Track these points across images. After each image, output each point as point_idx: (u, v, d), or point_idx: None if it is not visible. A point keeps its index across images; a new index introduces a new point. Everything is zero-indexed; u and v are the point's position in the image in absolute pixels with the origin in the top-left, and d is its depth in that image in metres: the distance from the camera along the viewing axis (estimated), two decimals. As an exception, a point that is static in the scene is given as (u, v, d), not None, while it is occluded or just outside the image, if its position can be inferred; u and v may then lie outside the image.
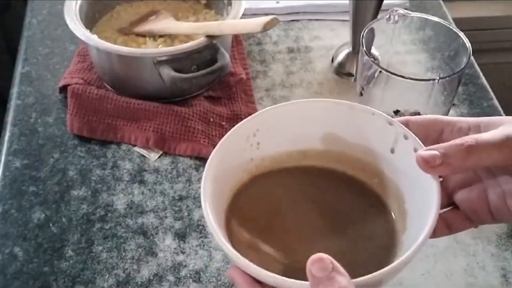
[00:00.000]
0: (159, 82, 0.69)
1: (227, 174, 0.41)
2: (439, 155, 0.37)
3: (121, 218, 0.63)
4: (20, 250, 0.60)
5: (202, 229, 0.62)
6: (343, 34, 0.84)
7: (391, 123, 0.42)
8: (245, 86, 0.77)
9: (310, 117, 0.44)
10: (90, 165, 0.68)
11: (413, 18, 0.59)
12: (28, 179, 0.66)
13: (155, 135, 0.69)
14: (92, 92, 0.71)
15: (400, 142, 0.41)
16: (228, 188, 0.42)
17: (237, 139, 0.42)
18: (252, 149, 0.43)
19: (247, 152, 0.43)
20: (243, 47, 0.82)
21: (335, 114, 0.44)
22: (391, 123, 0.42)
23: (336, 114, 0.44)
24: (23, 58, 0.81)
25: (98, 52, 0.71)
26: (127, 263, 0.59)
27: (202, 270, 0.58)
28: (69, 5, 0.73)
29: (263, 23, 0.66)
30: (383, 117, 0.42)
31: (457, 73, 0.55)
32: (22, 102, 0.75)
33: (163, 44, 0.75)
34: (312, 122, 0.44)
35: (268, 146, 0.44)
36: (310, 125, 0.44)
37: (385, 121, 0.42)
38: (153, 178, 0.67)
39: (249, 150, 0.43)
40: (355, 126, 0.43)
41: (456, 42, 0.57)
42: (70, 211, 0.63)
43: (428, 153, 0.37)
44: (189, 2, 0.83)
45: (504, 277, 0.58)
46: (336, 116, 0.44)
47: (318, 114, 0.44)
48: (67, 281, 0.57)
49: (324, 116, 0.44)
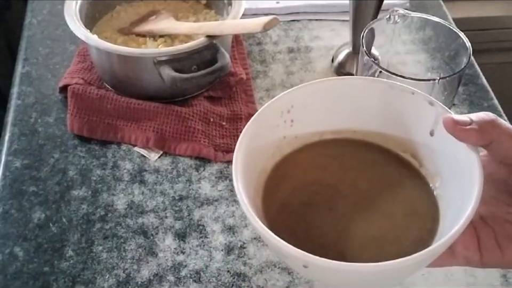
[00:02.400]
0: (159, 82, 0.69)
1: (259, 149, 0.39)
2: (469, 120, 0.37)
3: (121, 218, 0.63)
4: (20, 250, 0.60)
5: (202, 229, 0.62)
6: (343, 34, 0.84)
7: (432, 103, 0.40)
8: (245, 86, 0.77)
9: (346, 94, 0.42)
10: (91, 165, 0.68)
11: (413, 19, 0.59)
12: (28, 179, 0.66)
13: (155, 135, 0.69)
14: (92, 92, 0.71)
15: (441, 123, 0.39)
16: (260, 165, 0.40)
17: (271, 114, 0.40)
18: (286, 126, 0.41)
19: (281, 129, 0.41)
20: (243, 47, 0.82)
21: (373, 92, 0.42)
22: (432, 103, 0.40)
23: (374, 93, 0.42)
24: (23, 58, 0.81)
25: (99, 52, 0.71)
26: (127, 263, 0.59)
27: (202, 270, 0.58)
28: (69, 5, 0.73)
29: (263, 23, 0.66)
30: (424, 97, 0.40)
31: (458, 73, 0.55)
32: (22, 102, 0.75)
33: (163, 44, 0.75)
34: (348, 100, 0.42)
35: (301, 124, 0.42)
36: (345, 103, 0.42)
37: (425, 101, 0.40)
38: (153, 178, 0.67)
39: (283, 127, 0.41)
40: (393, 105, 0.41)
41: (456, 42, 0.57)
42: (70, 211, 0.63)
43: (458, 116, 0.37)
44: (189, 2, 0.83)
45: (504, 277, 0.58)
46: (373, 94, 0.42)
47: (354, 92, 0.42)
48: (67, 281, 0.57)
49: (361, 94, 0.42)
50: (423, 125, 0.41)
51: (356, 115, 0.43)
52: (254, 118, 0.39)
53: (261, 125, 0.39)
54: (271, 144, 0.41)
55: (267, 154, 0.41)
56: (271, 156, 0.41)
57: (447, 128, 0.37)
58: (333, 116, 0.43)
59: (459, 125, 0.37)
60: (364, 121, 0.43)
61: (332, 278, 0.36)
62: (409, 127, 0.42)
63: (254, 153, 0.38)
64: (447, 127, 0.37)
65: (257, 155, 0.38)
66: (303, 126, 0.42)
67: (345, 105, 0.43)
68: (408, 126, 0.42)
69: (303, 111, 0.42)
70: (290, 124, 0.41)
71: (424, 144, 0.41)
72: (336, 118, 0.43)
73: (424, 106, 0.40)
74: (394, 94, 0.41)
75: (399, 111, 0.41)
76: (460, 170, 0.38)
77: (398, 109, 0.41)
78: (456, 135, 0.37)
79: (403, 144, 0.43)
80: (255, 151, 0.38)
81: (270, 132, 0.40)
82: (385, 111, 0.42)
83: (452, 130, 0.37)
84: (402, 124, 0.42)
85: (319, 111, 0.43)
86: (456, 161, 0.38)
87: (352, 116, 0.43)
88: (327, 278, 0.37)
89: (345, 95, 0.42)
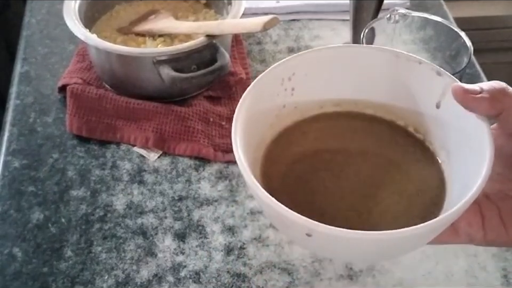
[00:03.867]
0: (158, 82, 0.69)
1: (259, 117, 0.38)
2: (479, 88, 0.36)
3: (120, 218, 0.62)
4: (19, 250, 0.59)
5: (202, 229, 0.62)
6: (343, 34, 0.84)
7: (439, 73, 0.39)
8: (245, 86, 0.75)
9: (350, 63, 0.41)
10: (90, 165, 0.68)
11: (413, 18, 0.59)
12: (27, 179, 0.66)
13: (154, 135, 0.69)
14: (91, 91, 0.71)
15: (448, 94, 0.38)
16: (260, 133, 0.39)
17: (272, 80, 0.39)
18: (286, 94, 0.40)
19: (281, 97, 0.40)
20: (243, 47, 0.82)
21: (378, 62, 0.40)
22: (439, 73, 0.39)
23: (379, 62, 0.40)
24: (22, 58, 0.81)
25: (98, 52, 0.71)
26: (126, 263, 0.59)
27: (202, 270, 0.58)
28: (68, 4, 0.73)
29: (263, 23, 0.66)
30: (431, 67, 0.39)
31: (458, 73, 0.55)
32: (21, 102, 0.75)
33: (162, 43, 0.74)
34: (351, 70, 0.41)
35: (302, 92, 0.41)
36: (348, 73, 0.41)
37: (433, 71, 0.39)
38: (152, 179, 0.66)
39: (283, 95, 0.40)
40: (398, 75, 0.40)
41: (457, 41, 0.57)
42: (69, 211, 0.63)
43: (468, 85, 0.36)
44: (188, 2, 0.83)
45: (505, 277, 0.58)
46: (378, 63, 0.40)
47: (359, 61, 0.41)
48: (66, 281, 0.57)
49: (365, 62, 0.41)
50: (430, 96, 0.39)
51: (359, 85, 0.42)
52: (254, 83, 0.38)
53: (261, 91, 0.38)
54: (270, 112, 0.39)
55: (266, 123, 0.40)
56: (270, 126, 0.40)
57: (456, 97, 0.36)
58: (335, 85, 0.42)
59: (469, 93, 0.36)
60: (367, 92, 0.42)
61: (335, 247, 0.36)
62: (415, 99, 0.40)
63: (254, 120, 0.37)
64: (456, 96, 0.36)
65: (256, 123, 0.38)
66: (304, 95, 0.41)
67: (348, 75, 0.41)
68: (413, 97, 0.40)
69: (304, 78, 0.40)
70: (291, 93, 0.40)
71: (431, 116, 0.40)
72: (338, 88, 0.42)
73: (432, 77, 0.39)
74: (400, 64, 0.40)
75: (404, 82, 0.40)
76: (468, 144, 0.37)
77: (404, 80, 0.40)
78: (466, 105, 0.36)
79: (408, 117, 0.41)
80: (255, 118, 0.37)
81: (270, 99, 0.39)
82: (390, 82, 0.41)
83: (461, 99, 0.36)
84: (408, 95, 0.40)
85: (320, 79, 0.41)
86: (465, 134, 0.37)
87: (354, 86, 0.42)
88: (330, 247, 0.36)
89: (349, 64, 0.41)
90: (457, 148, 0.39)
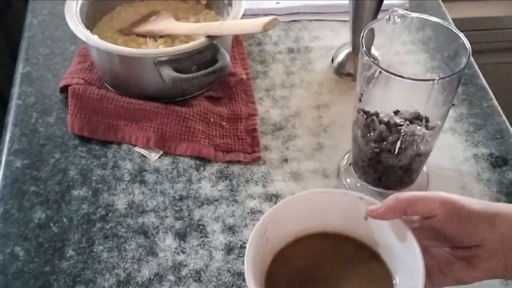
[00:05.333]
0: (159, 82, 0.69)
1: (255, 261, 0.49)
2: (381, 205, 0.48)
3: (121, 218, 0.63)
4: (21, 250, 0.60)
5: (202, 229, 0.62)
6: (343, 35, 0.85)
7: (362, 198, 0.51)
8: (245, 86, 0.77)
9: (302, 210, 0.52)
10: (91, 165, 0.68)
11: (412, 19, 0.59)
12: (29, 179, 0.66)
13: (155, 135, 0.70)
14: (92, 92, 0.72)
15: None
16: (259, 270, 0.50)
17: (254, 238, 0.49)
18: (264, 243, 0.50)
19: (262, 246, 0.50)
20: (243, 48, 0.82)
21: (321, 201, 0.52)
22: (362, 198, 0.51)
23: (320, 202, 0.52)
24: (23, 59, 0.81)
25: (99, 52, 0.71)
26: (127, 262, 0.59)
27: (202, 269, 0.59)
28: (69, 5, 0.73)
29: (263, 24, 0.66)
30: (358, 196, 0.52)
31: (457, 74, 0.55)
32: (23, 102, 0.75)
33: (163, 44, 0.75)
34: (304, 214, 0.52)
35: (274, 240, 0.51)
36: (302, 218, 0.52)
37: (357, 198, 0.51)
38: (153, 178, 0.67)
39: (263, 245, 0.50)
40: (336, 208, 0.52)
41: (456, 42, 0.57)
42: (71, 211, 0.63)
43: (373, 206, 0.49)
44: (189, 3, 0.83)
45: (503, 276, 0.58)
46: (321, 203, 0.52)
47: (309, 205, 0.52)
48: (68, 280, 0.57)
49: (313, 204, 0.52)
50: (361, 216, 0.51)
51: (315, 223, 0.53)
52: (248, 243, 0.49)
53: (251, 247, 0.49)
54: (259, 260, 0.50)
55: (261, 264, 0.50)
56: (261, 269, 0.50)
57: (370, 216, 0.49)
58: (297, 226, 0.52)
59: (373, 211, 0.49)
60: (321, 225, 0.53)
61: None
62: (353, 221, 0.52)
63: (253, 263, 0.48)
64: (370, 215, 0.49)
65: (255, 265, 0.48)
66: (276, 241, 0.51)
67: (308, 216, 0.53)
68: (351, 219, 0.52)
69: (273, 230, 0.50)
70: (266, 242, 0.50)
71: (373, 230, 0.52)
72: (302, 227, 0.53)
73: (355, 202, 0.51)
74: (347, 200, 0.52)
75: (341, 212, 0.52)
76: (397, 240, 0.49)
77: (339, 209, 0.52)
78: (377, 218, 0.49)
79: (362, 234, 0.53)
80: (254, 262, 0.48)
81: (257, 250, 0.49)
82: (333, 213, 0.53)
83: (372, 216, 0.49)
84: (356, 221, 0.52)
85: (285, 226, 0.52)
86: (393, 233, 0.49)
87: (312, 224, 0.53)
88: None
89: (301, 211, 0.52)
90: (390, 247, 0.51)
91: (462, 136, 0.72)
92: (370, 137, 0.60)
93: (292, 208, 0.52)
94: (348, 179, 0.67)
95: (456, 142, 0.71)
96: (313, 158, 0.69)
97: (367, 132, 0.60)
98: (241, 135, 0.71)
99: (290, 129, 0.73)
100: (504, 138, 0.72)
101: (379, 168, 0.62)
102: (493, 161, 0.69)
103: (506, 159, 0.69)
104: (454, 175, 0.68)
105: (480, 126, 0.73)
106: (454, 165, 0.69)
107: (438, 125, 0.59)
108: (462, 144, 0.71)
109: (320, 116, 0.74)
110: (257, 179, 0.67)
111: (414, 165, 0.62)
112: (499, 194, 0.66)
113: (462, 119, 0.74)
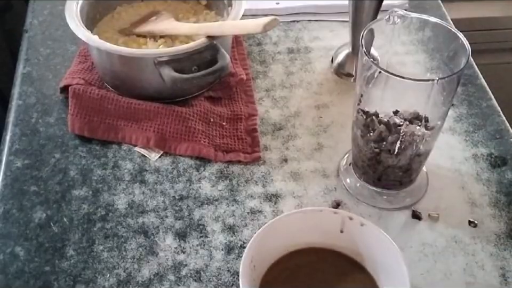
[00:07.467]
0: (159, 82, 0.69)
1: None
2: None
3: (122, 218, 0.63)
4: (21, 250, 0.60)
5: (202, 229, 0.62)
6: (342, 35, 0.85)
7: (336, 212, 0.54)
8: (245, 87, 0.77)
9: (283, 232, 0.54)
10: (91, 165, 0.68)
11: (412, 19, 0.59)
12: (29, 179, 0.66)
13: (156, 135, 0.70)
14: (92, 92, 0.72)
15: (346, 222, 0.54)
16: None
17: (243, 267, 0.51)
18: (252, 271, 0.52)
19: (250, 275, 0.52)
20: (243, 48, 0.82)
21: (299, 221, 0.55)
22: (336, 212, 0.54)
23: (299, 221, 0.55)
24: (24, 59, 0.81)
25: (99, 53, 0.72)
26: (128, 262, 0.59)
27: (202, 269, 0.59)
28: (70, 5, 0.73)
29: (263, 24, 0.66)
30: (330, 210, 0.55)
31: (456, 74, 0.55)
32: (23, 102, 0.75)
33: (164, 44, 0.75)
34: (286, 235, 0.55)
35: (260, 266, 0.54)
36: (285, 239, 0.55)
37: (331, 212, 0.55)
38: (153, 178, 0.67)
39: (250, 273, 0.52)
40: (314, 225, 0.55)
41: (455, 42, 0.57)
42: (71, 211, 0.63)
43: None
44: (189, 3, 0.83)
45: (503, 276, 0.58)
46: (300, 222, 0.55)
47: (290, 227, 0.55)
48: (68, 280, 0.58)
49: (294, 225, 0.55)
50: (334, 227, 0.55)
51: (298, 242, 0.56)
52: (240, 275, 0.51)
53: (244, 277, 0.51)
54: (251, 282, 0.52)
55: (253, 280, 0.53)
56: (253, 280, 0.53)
57: None
58: (289, 243, 0.55)
59: None
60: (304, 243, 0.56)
61: None
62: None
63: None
64: None
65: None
66: (261, 266, 0.54)
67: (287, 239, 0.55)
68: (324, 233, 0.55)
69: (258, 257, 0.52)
70: (254, 269, 0.52)
71: (355, 243, 0.54)
72: (289, 245, 0.55)
73: (331, 216, 0.55)
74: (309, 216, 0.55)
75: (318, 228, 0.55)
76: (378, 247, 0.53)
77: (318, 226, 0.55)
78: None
79: (344, 247, 0.55)
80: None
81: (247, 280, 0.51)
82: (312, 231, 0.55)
83: None
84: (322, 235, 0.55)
85: (268, 251, 0.54)
86: (376, 248, 0.52)
87: (296, 243, 0.56)
88: None
89: (284, 232, 0.54)
90: (371, 254, 0.54)
91: (462, 136, 0.72)
92: (370, 137, 0.60)
93: (273, 232, 0.54)
94: (348, 179, 0.67)
95: (455, 142, 0.71)
96: (313, 158, 0.69)
97: (367, 132, 0.60)
98: (241, 135, 0.71)
99: (290, 129, 0.73)
100: (503, 138, 0.72)
101: (379, 168, 0.62)
102: (492, 161, 0.69)
103: (506, 159, 0.69)
104: (454, 175, 0.68)
105: (479, 126, 0.73)
106: (454, 165, 0.69)
107: (437, 125, 0.59)
108: (462, 144, 0.71)
109: (320, 116, 0.74)
110: (257, 179, 0.67)
111: (414, 165, 0.62)
112: (498, 194, 0.66)
113: (462, 119, 0.74)
